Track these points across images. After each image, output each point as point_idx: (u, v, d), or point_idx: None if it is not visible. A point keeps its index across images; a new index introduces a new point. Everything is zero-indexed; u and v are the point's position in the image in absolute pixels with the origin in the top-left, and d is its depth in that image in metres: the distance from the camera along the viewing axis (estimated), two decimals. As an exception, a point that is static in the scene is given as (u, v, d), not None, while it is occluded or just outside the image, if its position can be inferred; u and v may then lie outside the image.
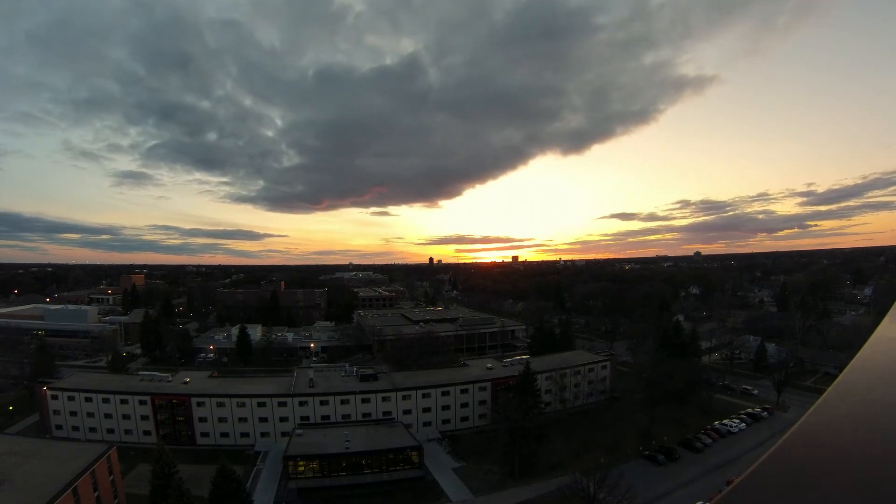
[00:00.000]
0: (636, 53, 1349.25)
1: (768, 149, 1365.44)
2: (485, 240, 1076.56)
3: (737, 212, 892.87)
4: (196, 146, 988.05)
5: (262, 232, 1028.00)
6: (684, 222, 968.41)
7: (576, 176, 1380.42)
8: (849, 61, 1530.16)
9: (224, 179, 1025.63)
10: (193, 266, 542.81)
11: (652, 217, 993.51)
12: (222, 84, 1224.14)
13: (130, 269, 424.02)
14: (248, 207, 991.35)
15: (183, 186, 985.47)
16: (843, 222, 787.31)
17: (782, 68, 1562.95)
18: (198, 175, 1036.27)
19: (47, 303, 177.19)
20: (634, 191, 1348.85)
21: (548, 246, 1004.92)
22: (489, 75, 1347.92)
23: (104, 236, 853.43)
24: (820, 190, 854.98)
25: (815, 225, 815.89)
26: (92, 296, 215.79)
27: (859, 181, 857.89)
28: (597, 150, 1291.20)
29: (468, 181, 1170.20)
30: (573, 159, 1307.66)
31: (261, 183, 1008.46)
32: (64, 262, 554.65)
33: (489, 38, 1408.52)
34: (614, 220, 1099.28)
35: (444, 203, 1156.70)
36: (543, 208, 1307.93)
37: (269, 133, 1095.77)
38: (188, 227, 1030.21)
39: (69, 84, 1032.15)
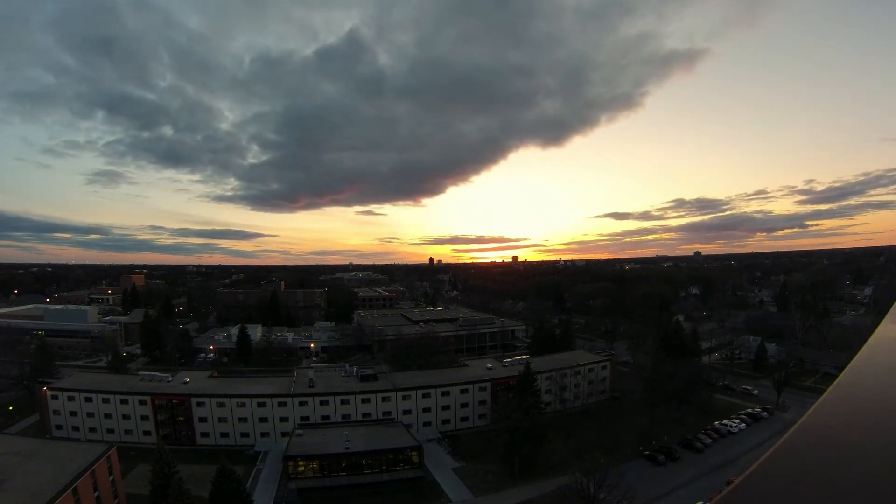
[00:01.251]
0: (612, 23, 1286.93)
1: (765, 143, 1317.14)
2: (479, 239, 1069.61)
3: (734, 211, 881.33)
4: (154, 142, 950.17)
5: (251, 231, 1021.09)
6: (681, 221, 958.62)
7: (567, 174, 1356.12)
8: (850, 45, 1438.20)
9: (195, 178, 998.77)
10: (193, 266, 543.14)
11: (646, 216, 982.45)
12: (159, 73, 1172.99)
13: (130, 269, 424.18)
14: (231, 207, 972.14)
15: (157, 185, 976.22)
16: (843, 221, 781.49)
17: (778, 45, 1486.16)
18: (167, 173, 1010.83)
19: (47, 303, 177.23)
20: (628, 189, 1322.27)
21: (544, 246, 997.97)
22: (444, 56, 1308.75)
23: (93, 236, 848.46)
24: (819, 188, 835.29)
25: (816, 224, 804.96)
26: (92, 296, 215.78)
27: (861, 178, 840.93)
28: (582, 143, 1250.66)
29: (449, 177, 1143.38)
30: (563, 156, 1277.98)
31: (233, 181, 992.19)
32: (56, 261, 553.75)
33: (434, 10, 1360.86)
34: (608, 219, 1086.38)
35: (427, 202, 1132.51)
36: (536, 208, 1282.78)
37: (223, 126, 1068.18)
38: (175, 226, 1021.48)
39: (2, 76, 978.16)
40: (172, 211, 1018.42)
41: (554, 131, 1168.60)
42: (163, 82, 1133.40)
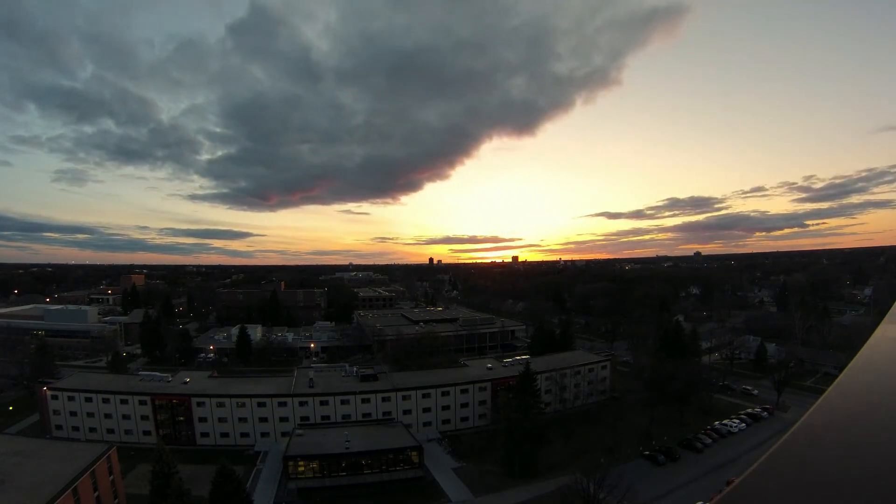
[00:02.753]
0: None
1: (762, 138, 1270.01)
2: (473, 239, 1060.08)
3: (730, 210, 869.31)
4: (100, 136, 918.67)
5: (238, 230, 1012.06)
6: (676, 221, 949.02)
7: (555, 172, 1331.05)
8: (851, 32, 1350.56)
9: (160, 175, 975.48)
10: (193, 266, 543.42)
11: (639, 215, 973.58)
12: (75, 60, 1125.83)
13: (130, 269, 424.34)
14: (206, 206, 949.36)
15: (125, 183, 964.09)
16: (843, 221, 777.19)
17: (775, 28, 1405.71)
18: (127, 170, 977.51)
19: (47, 303, 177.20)
20: (619, 187, 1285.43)
21: (540, 246, 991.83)
22: (379, 33, 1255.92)
23: (81, 235, 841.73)
24: (818, 185, 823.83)
25: (820, 223, 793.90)
26: (92, 296, 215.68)
27: (864, 173, 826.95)
28: (566, 135, 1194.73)
29: (423, 172, 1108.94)
30: (549, 152, 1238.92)
31: (197, 177, 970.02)
32: (55, 261, 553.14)
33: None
34: (600, 218, 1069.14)
35: (407, 199, 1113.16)
36: (526, 207, 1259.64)
37: (164, 118, 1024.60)
38: (159, 225, 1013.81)
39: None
40: (153, 209, 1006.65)
41: (524, 116, 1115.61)
42: (83, 71, 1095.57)
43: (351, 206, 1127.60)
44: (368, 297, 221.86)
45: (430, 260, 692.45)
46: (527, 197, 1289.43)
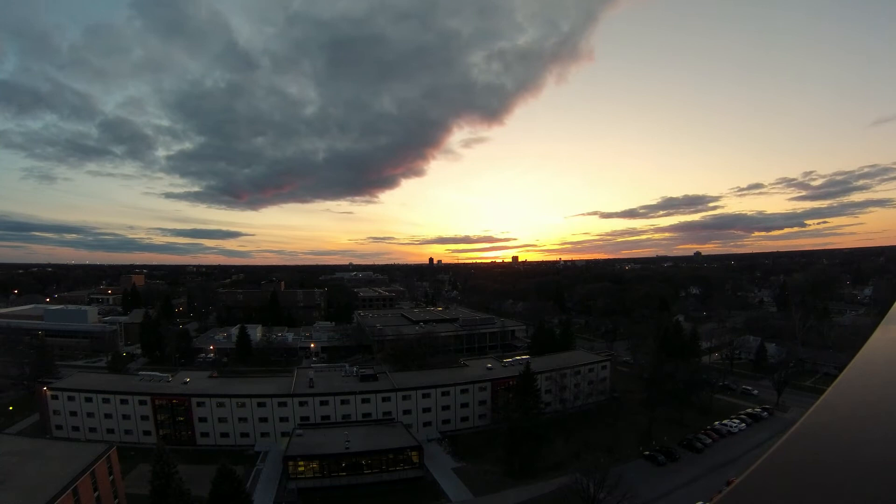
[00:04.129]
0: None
1: (758, 133, 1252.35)
2: (466, 239, 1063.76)
3: (725, 209, 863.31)
4: (49, 132, 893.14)
5: (226, 230, 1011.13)
6: (672, 221, 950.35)
7: (544, 171, 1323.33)
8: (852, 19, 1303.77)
9: (127, 172, 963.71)
10: (193, 266, 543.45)
11: (632, 214, 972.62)
12: None
13: (130, 269, 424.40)
14: (185, 204, 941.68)
15: (96, 181, 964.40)
16: (843, 220, 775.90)
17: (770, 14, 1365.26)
18: (91, 167, 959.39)
19: (47, 303, 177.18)
20: (611, 186, 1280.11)
21: (536, 246, 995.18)
22: (300, 7, 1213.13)
23: (70, 235, 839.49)
24: (817, 182, 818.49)
25: (822, 222, 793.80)
26: (92, 296, 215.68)
27: (867, 169, 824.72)
28: (539, 121, 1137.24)
29: (395, 167, 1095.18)
30: (537, 148, 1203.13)
31: (164, 175, 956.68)
32: (41, 261, 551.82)
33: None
34: (593, 217, 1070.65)
35: (386, 198, 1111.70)
36: (517, 207, 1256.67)
37: (107, 110, 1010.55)
38: (146, 224, 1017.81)
39: None
40: (134, 207, 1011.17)
41: (491, 99, 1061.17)
42: (7, 61, 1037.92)
43: (330, 204, 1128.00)
44: (368, 297, 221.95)
45: (430, 260, 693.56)
46: (515, 196, 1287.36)
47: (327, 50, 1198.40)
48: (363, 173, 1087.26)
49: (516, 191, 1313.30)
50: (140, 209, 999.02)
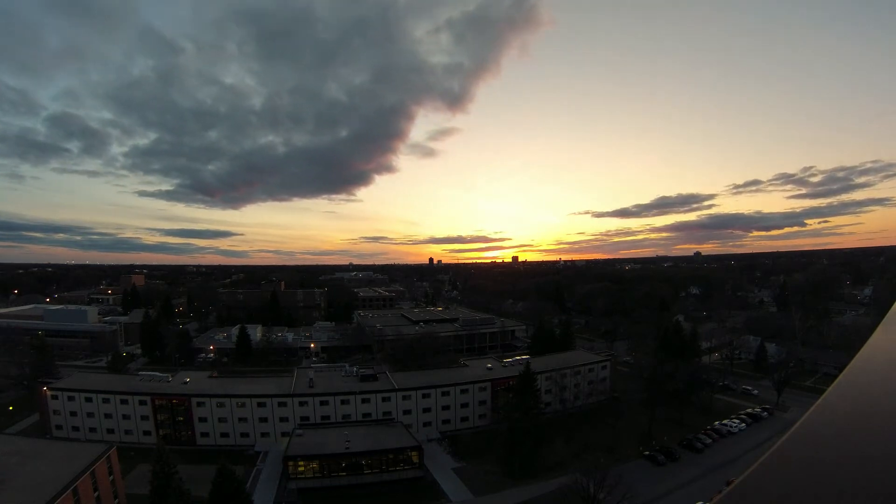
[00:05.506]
0: None
1: (755, 124, 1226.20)
2: (459, 239, 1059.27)
3: (723, 207, 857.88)
4: None
5: (216, 230, 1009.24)
6: (668, 220, 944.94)
7: (536, 170, 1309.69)
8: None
9: (91, 168, 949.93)
10: (193, 266, 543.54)
11: (625, 213, 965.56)
12: None
13: (130, 269, 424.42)
14: (165, 204, 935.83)
15: (65, 179, 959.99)
16: (843, 220, 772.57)
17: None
18: (54, 164, 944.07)
19: (47, 303, 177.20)
20: (603, 183, 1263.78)
21: (532, 246, 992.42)
22: None
23: (60, 235, 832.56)
24: (817, 179, 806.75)
25: (823, 221, 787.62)
26: (92, 296, 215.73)
27: (869, 164, 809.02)
28: (509, 108, 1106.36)
29: (365, 161, 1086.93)
30: (525, 145, 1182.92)
31: (128, 172, 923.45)
32: (38, 261, 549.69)
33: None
34: (586, 216, 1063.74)
35: (364, 195, 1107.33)
36: (512, 206, 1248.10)
37: (44, 103, 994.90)
38: (130, 223, 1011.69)
39: None
40: (115, 206, 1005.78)
41: (450, 80, 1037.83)
42: None
43: (308, 203, 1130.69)
44: (368, 297, 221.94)
45: (430, 260, 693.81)
46: (506, 195, 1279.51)
47: (251, 30, 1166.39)
48: (332, 169, 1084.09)
49: (506, 190, 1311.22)
50: (119, 206, 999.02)
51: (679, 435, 70.15)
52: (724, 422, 74.46)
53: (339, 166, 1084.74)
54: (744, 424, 73.91)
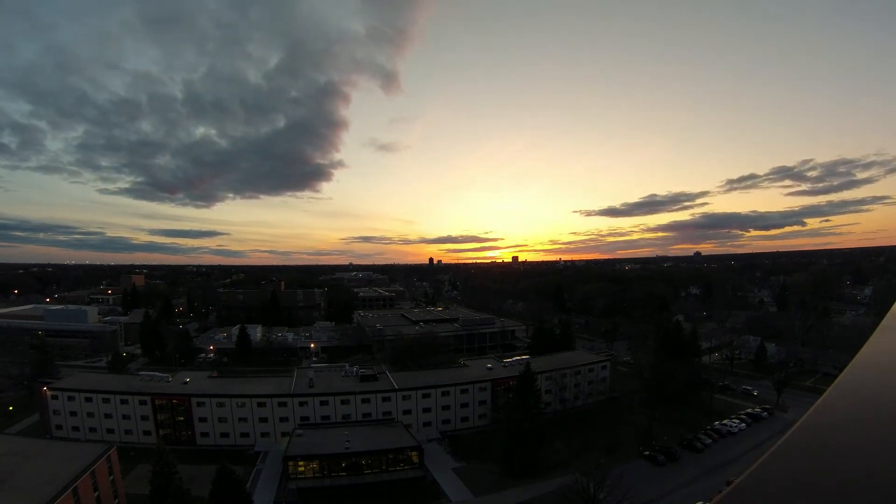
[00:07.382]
0: None
1: (750, 116, 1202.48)
2: (449, 238, 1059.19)
3: (717, 204, 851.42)
4: None
5: (201, 230, 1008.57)
6: (662, 220, 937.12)
7: (521, 167, 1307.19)
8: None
9: (39, 163, 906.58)
10: (193, 266, 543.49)
11: (614, 211, 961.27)
12: None
13: (130, 269, 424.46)
14: (129, 200, 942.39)
15: (13, 175, 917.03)
16: (843, 219, 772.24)
17: None
18: (5, 161, 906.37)
19: (47, 303, 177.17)
20: (594, 182, 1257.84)
21: (526, 246, 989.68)
22: None
23: (59, 236, 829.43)
24: (815, 174, 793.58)
25: (823, 220, 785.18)
26: (92, 296, 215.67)
27: (872, 157, 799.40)
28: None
29: (321, 152, 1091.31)
30: (515, 143, 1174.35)
31: (78, 169, 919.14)
32: (34, 261, 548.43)
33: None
34: (576, 215, 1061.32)
35: (331, 191, 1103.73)
36: (504, 206, 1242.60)
37: None
38: (110, 221, 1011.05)
39: None
40: (86, 201, 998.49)
41: (375, 47, 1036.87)
42: None
43: (275, 199, 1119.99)
44: (368, 297, 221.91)
45: (430, 260, 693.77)
46: (496, 195, 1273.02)
47: (134, 7, 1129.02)
48: (287, 162, 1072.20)
49: (496, 189, 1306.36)
50: (92, 203, 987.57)
51: (679, 435, 70.14)
52: (725, 422, 74.43)
53: (292, 159, 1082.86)
54: (744, 424, 73.88)
